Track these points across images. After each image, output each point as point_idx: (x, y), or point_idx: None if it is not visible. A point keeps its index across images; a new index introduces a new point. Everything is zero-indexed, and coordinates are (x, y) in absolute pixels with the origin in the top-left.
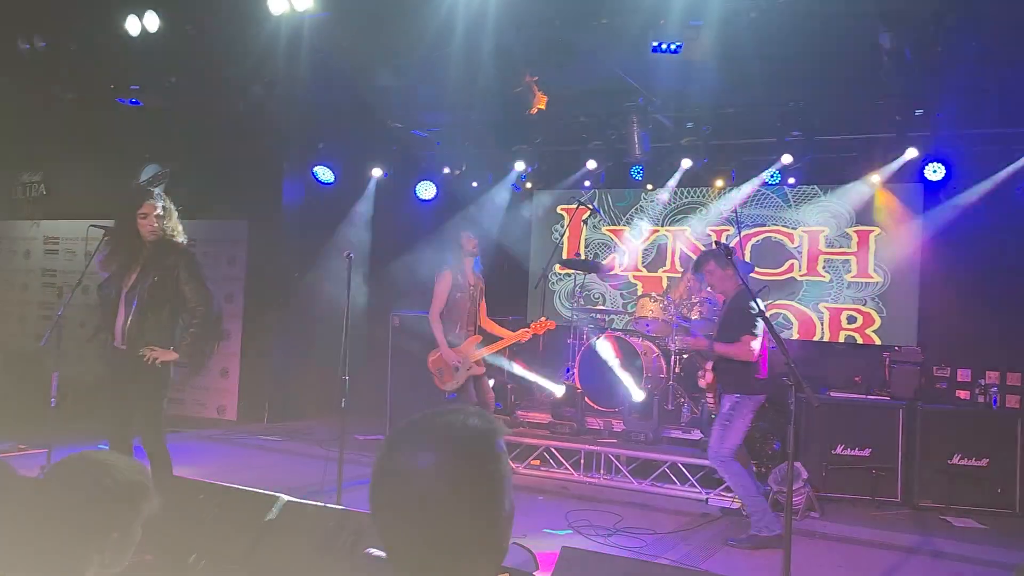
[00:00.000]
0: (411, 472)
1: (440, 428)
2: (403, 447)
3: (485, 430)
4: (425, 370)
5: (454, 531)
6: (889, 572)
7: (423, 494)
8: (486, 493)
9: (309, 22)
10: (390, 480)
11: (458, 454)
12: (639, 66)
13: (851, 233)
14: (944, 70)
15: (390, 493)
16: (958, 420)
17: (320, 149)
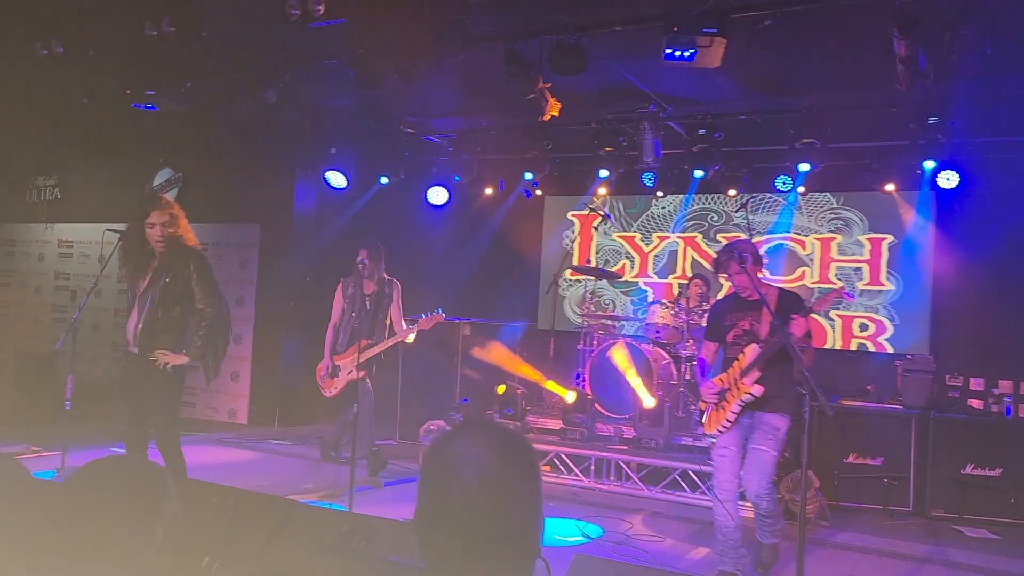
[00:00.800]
0: (465, 461)
1: (485, 432)
2: (450, 449)
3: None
4: (435, 376)
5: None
6: None
7: (470, 494)
8: (528, 496)
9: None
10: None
11: (504, 456)
12: (652, 73)
13: (864, 241)
14: (958, 78)
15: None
16: (971, 430)
17: (332, 154)
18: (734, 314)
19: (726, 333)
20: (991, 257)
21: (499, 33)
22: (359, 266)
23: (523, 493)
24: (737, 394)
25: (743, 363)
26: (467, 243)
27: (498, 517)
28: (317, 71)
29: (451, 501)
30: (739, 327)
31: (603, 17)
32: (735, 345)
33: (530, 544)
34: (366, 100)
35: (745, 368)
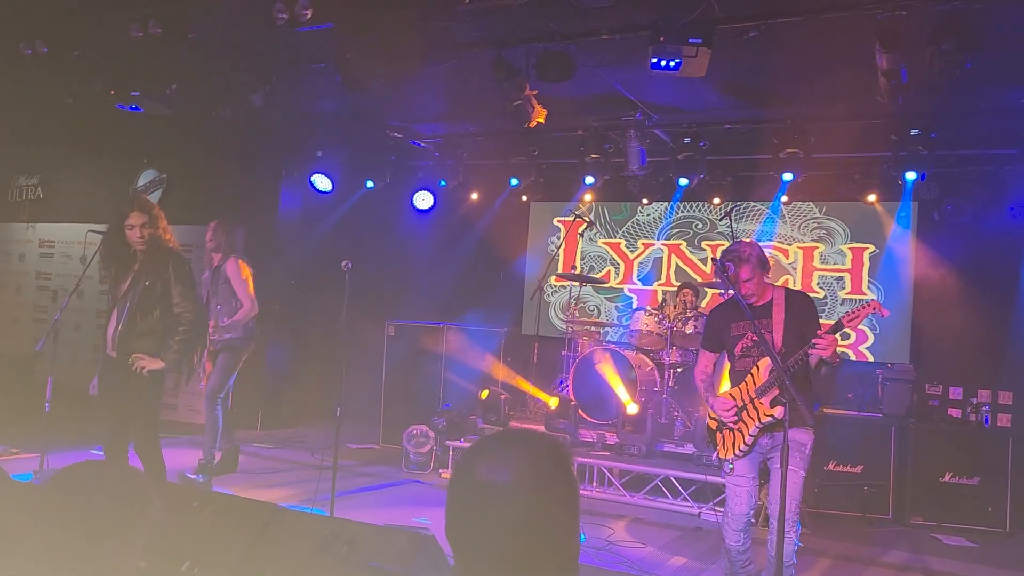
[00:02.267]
0: (493, 488)
1: (521, 442)
2: (484, 461)
3: (561, 446)
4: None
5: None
6: None
7: (506, 509)
8: (566, 507)
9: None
10: (471, 497)
11: (540, 468)
12: (638, 81)
13: (846, 250)
14: (940, 91)
15: (471, 506)
16: (950, 438)
17: (318, 158)
18: (740, 323)
19: (734, 345)
20: (970, 268)
21: (487, 40)
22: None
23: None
24: (755, 415)
25: (758, 380)
26: (452, 248)
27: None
28: (304, 74)
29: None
30: (747, 338)
31: (590, 26)
32: (745, 357)
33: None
34: (353, 104)
35: (761, 387)
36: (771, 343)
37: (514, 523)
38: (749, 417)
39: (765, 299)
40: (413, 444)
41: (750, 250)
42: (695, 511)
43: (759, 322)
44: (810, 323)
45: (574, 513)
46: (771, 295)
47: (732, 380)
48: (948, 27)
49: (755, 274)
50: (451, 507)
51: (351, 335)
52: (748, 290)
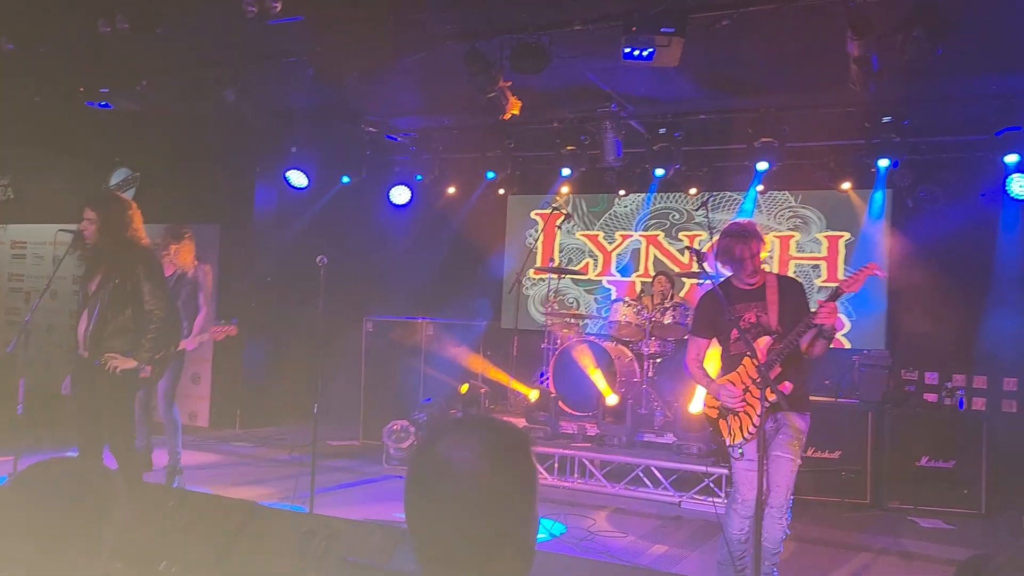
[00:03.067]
0: (453, 466)
1: (481, 425)
2: (445, 442)
3: (522, 433)
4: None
5: (491, 529)
6: (858, 573)
7: (464, 489)
8: (523, 492)
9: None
10: (430, 475)
11: (500, 451)
12: (612, 72)
13: (821, 238)
14: (911, 78)
15: (429, 489)
16: (926, 423)
17: (293, 153)
18: (737, 304)
19: (729, 328)
20: (944, 254)
21: (460, 32)
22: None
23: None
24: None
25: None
26: (430, 242)
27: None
28: (277, 69)
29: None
30: (745, 320)
31: (562, 16)
32: (739, 342)
33: (526, 541)
34: (327, 99)
35: (764, 364)
36: (768, 324)
37: (471, 504)
38: (754, 398)
39: (760, 282)
40: (393, 439)
41: (752, 227)
42: (675, 500)
43: (754, 304)
44: (802, 308)
45: (531, 499)
46: (763, 279)
47: (726, 366)
48: (918, 14)
49: (759, 250)
50: (410, 485)
51: (329, 331)
52: (756, 265)
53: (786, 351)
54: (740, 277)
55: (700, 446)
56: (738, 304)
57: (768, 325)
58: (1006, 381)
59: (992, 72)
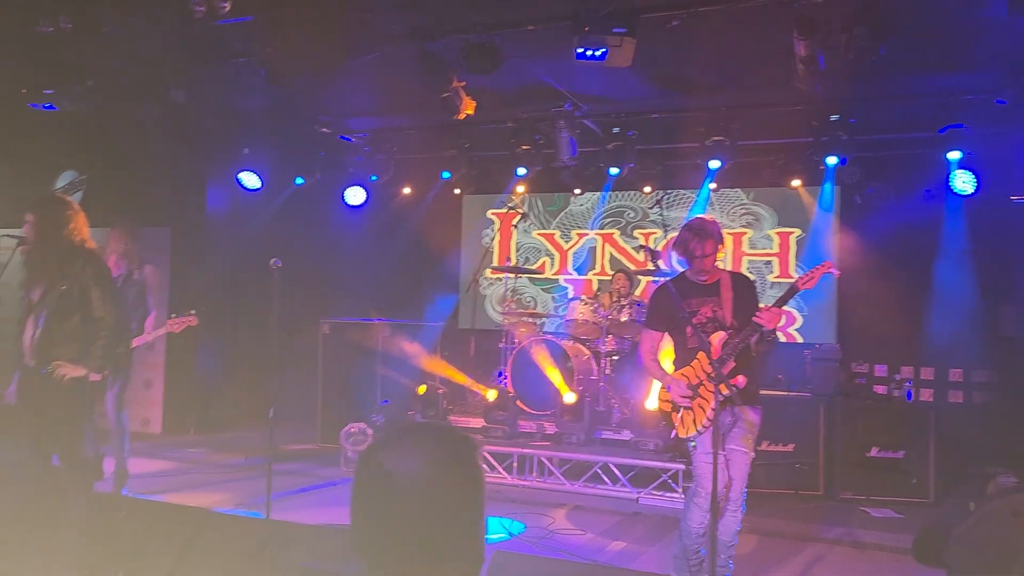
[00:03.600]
0: (398, 474)
1: (427, 432)
2: (390, 449)
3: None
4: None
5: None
6: (812, 564)
7: (409, 496)
8: (470, 498)
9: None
10: (375, 482)
11: (445, 458)
12: (565, 70)
13: (773, 235)
14: (857, 77)
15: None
16: (875, 414)
17: (245, 155)
18: (693, 299)
19: (684, 323)
20: (891, 249)
21: (412, 32)
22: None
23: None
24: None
25: (712, 355)
26: (386, 243)
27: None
28: (227, 69)
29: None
30: (701, 314)
31: (515, 16)
32: (696, 335)
33: (474, 548)
34: (280, 99)
35: (719, 359)
36: (723, 319)
37: (417, 513)
38: (708, 392)
39: (714, 278)
40: (351, 442)
41: (713, 227)
42: (634, 496)
43: (709, 300)
44: (754, 306)
45: (478, 506)
46: (718, 275)
47: (680, 359)
48: (862, 15)
49: (715, 250)
50: (356, 497)
51: (285, 334)
52: (707, 266)
53: (740, 347)
54: (694, 272)
55: (657, 442)
56: (693, 299)
57: (723, 320)
58: (952, 372)
59: (933, 71)
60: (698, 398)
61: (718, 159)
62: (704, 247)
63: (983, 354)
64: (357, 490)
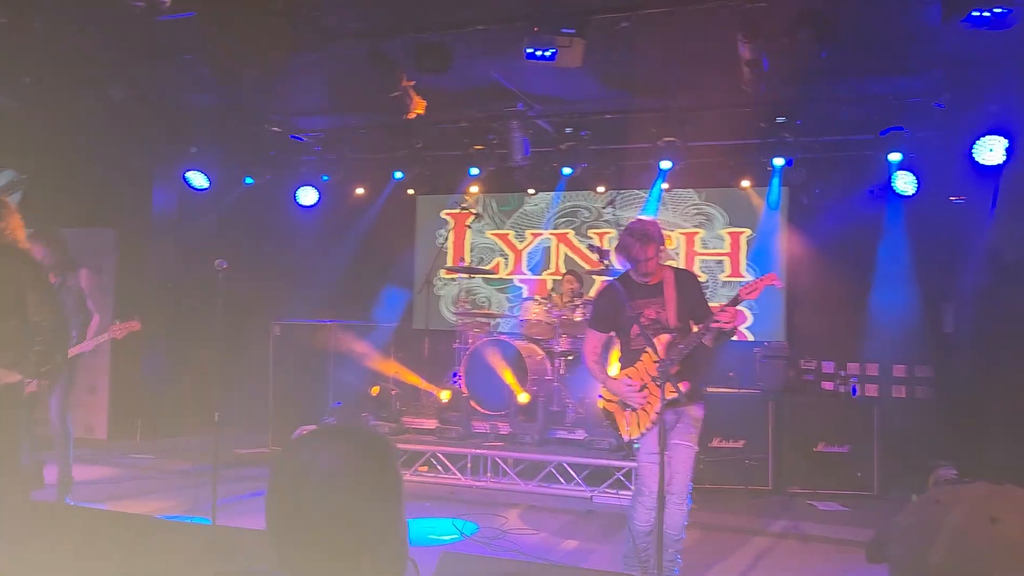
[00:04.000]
0: (312, 474)
1: (341, 432)
2: (304, 450)
3: (384, 440)
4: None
5: (352, 537)
6: (760, 557)
7: (323, 498)
8: (387, 497)
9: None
10: (289, 483)
11: (360, 456)
12: (517, 71)
13: (724, 234)
14: (801, 80)
15: (289, 496)
16: (822, 410)
17: (193, 153)
18: (636, 301)
19: (630, 324)
20: (837, 248)
21: (363, 31)
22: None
23: (380, 497)
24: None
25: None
26: (339, 244)
27: (353, 523)
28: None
29: (301, 512)
30: (645, 316)
31: (465, 16)
32: (641, 336)
33: (393, 548)
34: (228, 97)
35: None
36: (667, 321)
37: (330, 513)
38: (652, 395)
39: (658, 278)
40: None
41: (654, 229)
42: (588, 495)
43: (653, 300)
44: (698, 302)
45: (395, 506)
46: (661, 275)
47: (625, 360)
48: (805, 18)
49: (657, 253)
50: (271, 500)
51: (236, 336)
52: (650, 268)
53: (686, 351)
54: (638, 274)
55: (611, 441)
56: (638, 300)
57: (667, 323)
58: (895, 368)
59: (875, 75)
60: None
61: (669, 159)
62: (646, 251)
63: (925, 350)
64: (272, 494)
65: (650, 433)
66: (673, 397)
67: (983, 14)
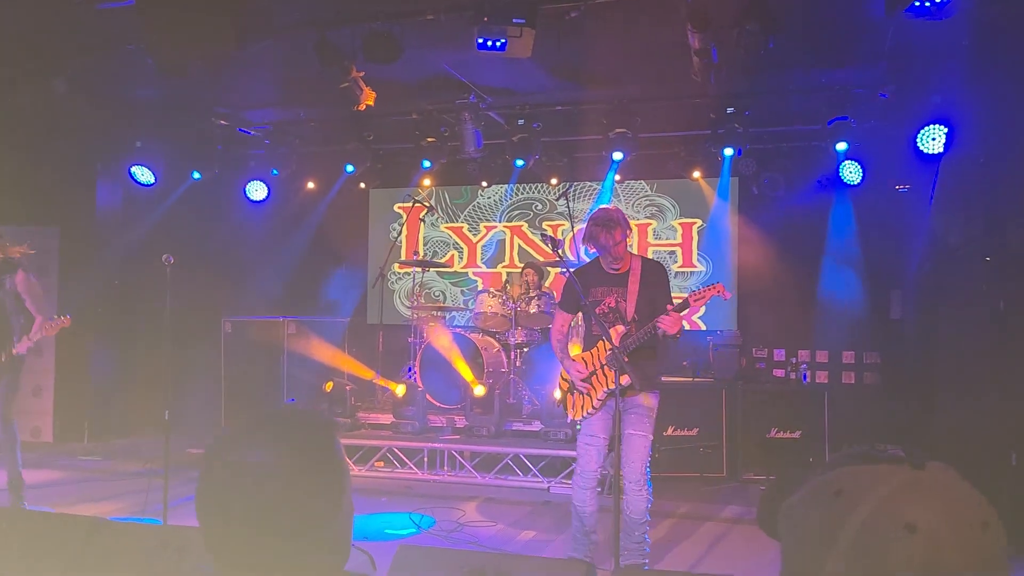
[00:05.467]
0: (243, 467)
1: (274, 422)
2: (234, 443)
3: (322, 424)
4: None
5: (291, 529)
6: (715, 542)
7: (257, 490)
8: (325, 488)
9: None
10: (220, 476)
11: (294, 447)
12: (468, 63)
13: (676, 225)
14: (751, 71)
15: (220, 491)
16: (774, 397)
17: (137, 148)
18: (599, 288)
19: (588, 311)
20: (786, 237)
21: (310, 21)
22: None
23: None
24: (604, 381)
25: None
26: (290, 238)
27: (290, 513)
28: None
29: (236, 503)
30: (605, 304)
31: (415, 6)
32: (600, 323)
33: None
34: (174, 90)
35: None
36: (624, 311)
37: (266, 502)
38: (598, 382)
39: (625, 267)
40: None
41: (619, 215)
42: (544, 486)
43: (615, 290)
44: (661, 293)
45: (337, 492)
46: (629, 263)
47: (585, 344)
48: (751, 10)
49: (624, 238)
50: (201, 487)
51: (185, 334)
52: (619, 252)
53: (636, 344)
54: (607, 261)
55: (567, 431)
56: (601, 287)
57: (623, 313)
58: (845, 354)
59: (821, 66)
60: (590, 386)
61: (621, 151)
62: (613, 235)
63: (873, 337)
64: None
65: (592, 417)
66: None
67: (924, 3)
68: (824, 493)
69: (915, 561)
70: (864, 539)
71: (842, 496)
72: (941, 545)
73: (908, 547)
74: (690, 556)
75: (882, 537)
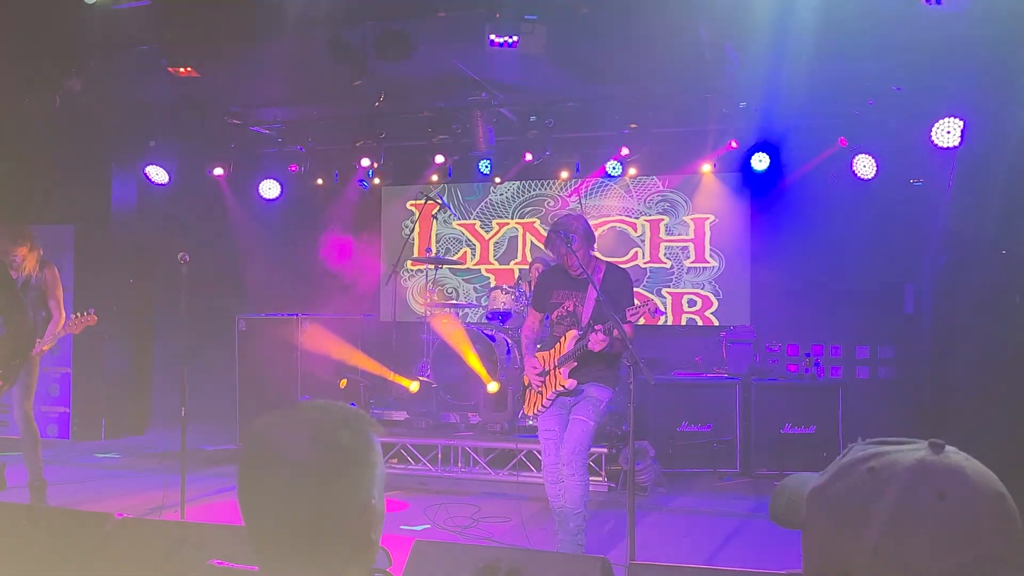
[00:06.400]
0: (282, 455)
1: (309, 416)
2: (273, 432)
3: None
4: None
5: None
6: (730, 537)
7: (293, 477)
8: (357, 482)
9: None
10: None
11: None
12: (480, 60)
13: (688, 221)
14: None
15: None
16: (788, 392)
17: (152, 147)
18: (559, 291)
19: (552, 310)
20: (801, 231)
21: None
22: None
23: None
24: (553, 383)
25: (562, 350)
26: (303, 236)
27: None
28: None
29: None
30: (563, 307)
31: (427, 3)
32: (559, 325)
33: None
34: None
35: (563, 356)
36: (580, 316)
37: (301, 492)
38: (550, 382)
39: (588, 272)
40: None
41: (577, 223)
42: None
43: (575, 294)
44: (620, 305)
45: (368, 487)
46: (592, 269)
47: (547, 343)
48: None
49: (581, 247)
50: (242, 479)
51: (199, 332)
52: (571, 264)
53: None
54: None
55: None
56: (562, 291)
57: (579, 319)
58: (859, 349)
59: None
60: (542, 384)
61: (633, 146)
62: (571, 246)
63: (887, 331)
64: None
65: (543, 413)
66: (562, 390)
67: None
68: (857, 471)
69: (948, 526)
70: (901, 509)
71: (875, 472)
72: (970, 510)
73: (941, 512)
74: (704, 551)
75: (917, 505)
